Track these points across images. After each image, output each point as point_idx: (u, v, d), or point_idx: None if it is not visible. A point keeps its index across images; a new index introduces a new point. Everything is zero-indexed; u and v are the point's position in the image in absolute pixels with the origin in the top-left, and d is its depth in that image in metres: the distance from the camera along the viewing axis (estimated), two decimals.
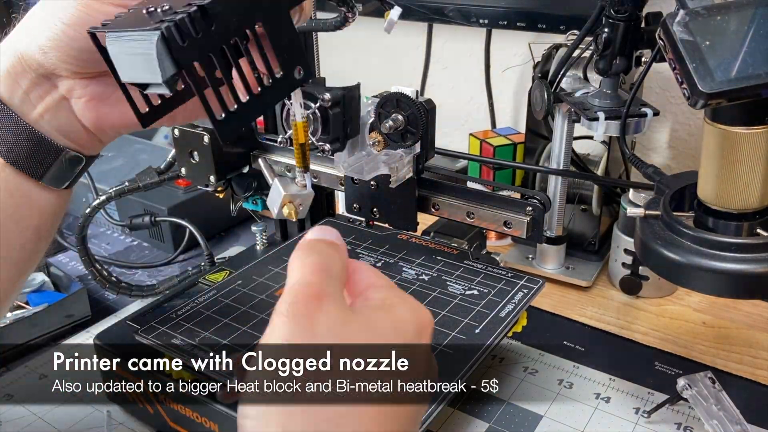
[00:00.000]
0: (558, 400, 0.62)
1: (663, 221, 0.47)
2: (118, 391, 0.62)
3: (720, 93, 0.39)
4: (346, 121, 0.55)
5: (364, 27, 1.25)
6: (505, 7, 0.93)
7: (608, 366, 0.66)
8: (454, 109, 1.18)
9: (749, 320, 0.74)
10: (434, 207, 0.62)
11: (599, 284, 0.81)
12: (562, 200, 0.76)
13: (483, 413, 0.60)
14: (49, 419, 0.63)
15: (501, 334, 0.57)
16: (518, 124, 1.10)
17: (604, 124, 0.64)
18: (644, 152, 1.01)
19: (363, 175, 0.56)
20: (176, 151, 0.70)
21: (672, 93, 0.96)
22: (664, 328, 0.73)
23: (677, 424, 0.59)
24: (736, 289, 0.44)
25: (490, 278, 0.64)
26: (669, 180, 0.52)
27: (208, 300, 0.62)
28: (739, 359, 0.68)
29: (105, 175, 1.01)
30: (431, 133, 0.58)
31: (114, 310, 0.79)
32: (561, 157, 0.73)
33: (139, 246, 0.94)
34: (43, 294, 0.78)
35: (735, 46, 0.40)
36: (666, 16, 0.41)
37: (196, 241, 0.86)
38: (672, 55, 0.41)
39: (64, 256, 0.93)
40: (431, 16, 1.01)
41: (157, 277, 0.86)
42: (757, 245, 0.43)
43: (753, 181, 0.43)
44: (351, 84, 0.56)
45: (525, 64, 1.06)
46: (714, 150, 0.43)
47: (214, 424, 0.55)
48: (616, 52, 0.64)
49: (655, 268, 0.48)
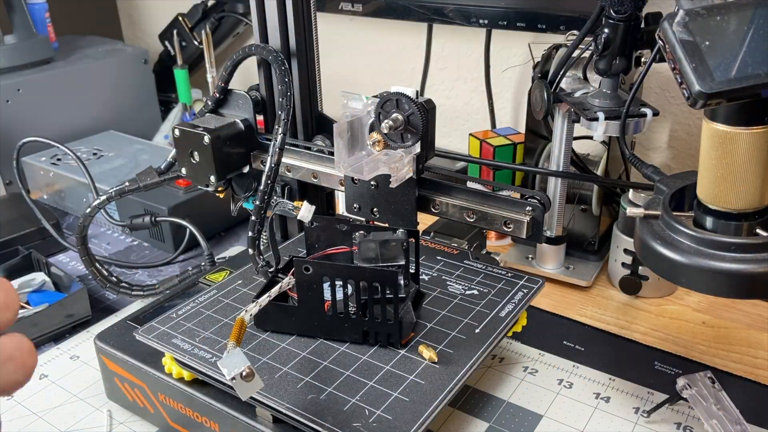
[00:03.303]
0: (558, 400, 0.62)
1: (663, 221, 0.47)
2: (118, 390, 0.63)
3: (719, 93, 0.39)
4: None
5: (364, 27, 1.25)
6: (505, 7, 0.93)
7: (608, 366, 0.66)
8: (454, 109, 1.19)
9: (749, 320, 0.74)
10: (434, 207, 0.62)
11: (599, 284, 0.82)
12: (562, 200, 0.76)
13: (483, 413, 0.61)
14: (49, 419, 0.63)
15: (501, 334, 0.57)
16: (518, 124, 1.10)
17: (603, 124, 0.64)
18: (644, 152, 1.01)
19: (363, 175, 0.56)
20: (176, 151, 0.71)
21: (671, 93, 0.96)
22: (664, 328, 0.73)
23: (677, 424, 0.59)
24: (735, 289, 0.44)
25: (490, 278, 0.64)
26: (668, 180, 0.52)
27: (208, 300, 0.62)
28: (739, 359, 0.68)
29: (105, 175, 1.01)
30: (431, 133, 0.58)
31: (114, 310, 0.79)
32: (561, 157, 0.73)
33: (139, 246, 0.95)
34: (43, 294, 0.78)
35: (734, 46, 0.40)
36: (665, 16, 0.41)
37: (196, 241, 0.86)
38: (671, 55, 0.41)
39: (64, 256, 0.93)
40: (431, 16, 1.01)
41: (158, 277, 0.86)
42: (757, 245, 0.43)
43: (753, 181, 0.43)
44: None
45: (525, 64, 1.06)
46: (713, 150, 0.43)
47: (215, 424, 0.55)
48: (615, 53, 0.64)
49: (654, 268, 0.48)
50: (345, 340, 0.56)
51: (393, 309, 0.54)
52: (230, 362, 0.45)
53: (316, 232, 0.60)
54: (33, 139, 0.90)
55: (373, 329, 0.55)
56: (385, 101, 0.56)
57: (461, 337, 0.56)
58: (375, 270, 0.54)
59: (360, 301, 0.54)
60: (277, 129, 0.62)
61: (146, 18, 1.61)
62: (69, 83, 1.18)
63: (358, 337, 0.55)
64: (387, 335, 0.55)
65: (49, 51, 1.19)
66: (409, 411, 0.48)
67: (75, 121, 1.20)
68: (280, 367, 0.53)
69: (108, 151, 1.11)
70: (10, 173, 1.06)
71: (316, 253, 0.60)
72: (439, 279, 0.65)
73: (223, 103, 0.72)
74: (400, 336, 0.55)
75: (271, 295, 0.54)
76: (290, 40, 0.72)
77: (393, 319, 0.54)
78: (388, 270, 0.53)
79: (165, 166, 0.73)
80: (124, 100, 1.28)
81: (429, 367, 0.53)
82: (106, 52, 1.28)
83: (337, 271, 0.54)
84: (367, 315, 0.54)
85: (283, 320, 0.57)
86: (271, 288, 0.55)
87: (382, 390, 0.51)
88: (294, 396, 0.50)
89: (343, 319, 0.55)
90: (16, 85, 1.11)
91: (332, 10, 1.11)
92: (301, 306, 0.55)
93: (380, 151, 0.57)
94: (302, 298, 0.55)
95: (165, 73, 1.36)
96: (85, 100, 1.21)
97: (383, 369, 0.53)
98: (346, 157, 0.57)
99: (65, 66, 1.19)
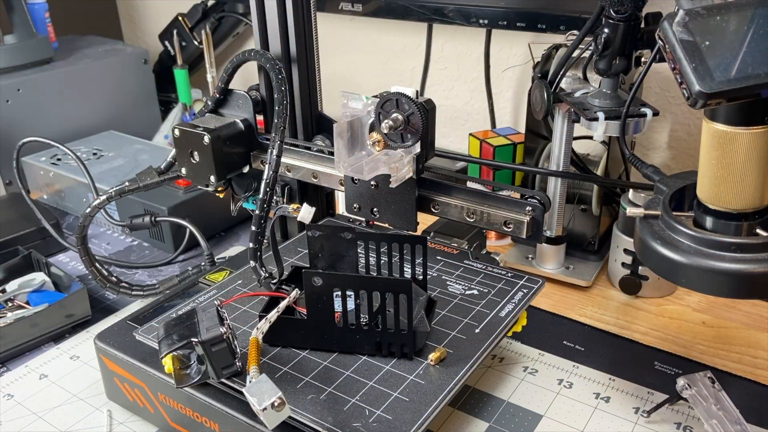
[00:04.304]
0: (558, 400, 0.62)
1: (662, 221, 0.47)
2: (118, 391, 0.62)
3: (719, 93, 0.39)
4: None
5: (364, 27, 1.25)
6: (505, 7, 0.93)
7: (608, 366, 0.66)
8: (454, 109, 1.19)
9: (749, 320, 0.74)
10: (434, 207, 0.62)
11: (599, 284, 0.82)
12: (562, 200, 0.76)
13: (483, 413, 0.61)
14: (49, 419, 0.63)
15: (501, 334, 0.57)
16: (518, 124, 1.10)
17: (603, 124, 0.64)
18: (644, 152, 1.01)
19: (363, 175, 0.56)
20: (176, 151, 0.71)
21: (671, 93, 0.96)
22: (664, 327, 0.73)
23: (677, 424, 0.59)
24: (735, 289, 0.44)
25: (490, 278, 0.64)
26: (668, 180, 0.52)
27: (208, 300, 0.62)
28: (739, 359, 0.68)
29: (105, 175, 1.01)
30: (431, 133, 0.58)
31: (114, 309, 0.79)
32: (561, 157, 0.73)
33: (139, 246, 0.95)
34: (43, 294, 0.78)
35: (734, 46, 0.40)
36: (665, 16, 0.41)
37: (196, 241, 0.86)
38: (671, 55, 0.41)
39: (64, 256, 0.93)
40: (431, 16, 1.01)
41: (158, 277, 0.86)
42: (757, 245, 0.43)
43: (752, 180, 0.43)
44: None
45: (525, 64, 1.06)
46: (713, 150, 0.43)
47: (215, 424, 0.55)
48: (615, 53, 0.64)
49: (654, 268, 0.48)
50: (358, 353, 0.55)
51: (407, 319, 0.52)
52: (259, 390, 0.43)
53: (320, 240, 0.58)
54: (33, 139, 0.90)
55: (386, 340, 0.54)
56: (385, 101, 0.56)
57: (461, 337, 0.56)
58: (387, 279, 0.53)
59: (372, 311, 0.53)
60: (275, 137, 0.61)
61: (146, 18, 1.61)
62: (69, 83, 1.18)
63: (371, 349, 0.54)
64: (401, 346, 0.54)
65: (49, 51, 1.19)
66: (409, 411, 0.48)
67: (75, 121, 1.20)
68: (280, 367, 0.53)
69: (108, 151, 1.11)
70: (10, 173, 1.06)
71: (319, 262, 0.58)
72: (439, 279, 0.65)
73: (223, 103, 0.72)
74: (414, 346, 0.54)
75: (280, 309, 0.53)
76: (290, 40, 0.72)
77: (407, 329, 0.53)
78: (400, 279, 0.52)
79: (165, 166, 0.73)
80: (124, 100, 1.28)
81: (429, 367, 0.53)
82: (106, 52, 1.28)
83: (348, 281, 0.53)
84: (380, 326, 0.53)
85: (292, 334, 0.55)
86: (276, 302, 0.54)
87: (382, 390, 0.51)
88: (294, 396, 0.50)
89: (354, 331, 0.54)
90: (16, 85, 1.11)
91: (332, 10, 1.11)
92: (310, 319, 0.54)
93: (380, 151, 0.57)
94: (312, 310, 0.54)
95: (165, 73, 1.36)
96: (85, 100, 1.21)
97: (383, 369, 0.53)
98: (346, 157, 0.57)
99: (65, 66, 1.19)
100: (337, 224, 0.74)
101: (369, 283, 0.53)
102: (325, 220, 0.77)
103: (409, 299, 0.52)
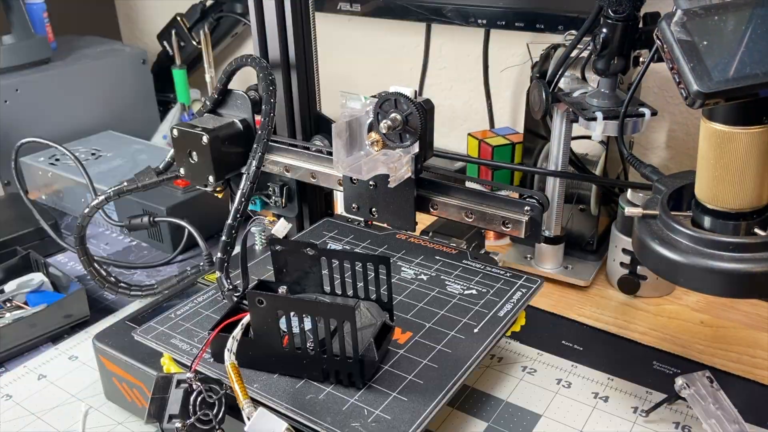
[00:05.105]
0: (556, 400, 0.62)
1: (661, 221, 0.47)
2: (117, 391, 0.62)
3: (717, 93, 0.39)
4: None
5: (362, 27, 1.25)
6: (504, 7, 0.93)
7: (606, 365, 0.66)
8: (452, 109, 1.19)
9: (747, 320, 0.74)
10: (433, 207, 0.62)
11: (597, 284, 0.82)
12: (561, 200, 0.76)
13: (482, 412, 0.61)
14: (48, 419, 0.63)
15: (499, 334, 0.57)
16: (517, 124, 1.10)
17: (602, 124, 0.64)
18: (642, 152, 1.01)
19: (362, 175, 0.56)
20: (175, 151, 0.71)
21: (670, 93, 0.96)
22: (663, 327, 0.73)
23: (675, 424, 0.59)
24: (733, 289, 0.44)
25: (489, 278, 0.64)
26: (667, 180, 0.52)
27: (207, 300, 0.62)
28: (737, 358, 0.68)
29: (104, 175, 1.01)
30: (430, 133, 0.58)
31: (113, 310, 0.79)
32: (559, 156, 0.73)
33: (138, 246, 0.95)
34: (42, 294, 0.78)
35: (732, 46, 0.40)
36: (663, 16, 0.41)
37: (195, 241, 0.86)
38: (669, 55, 0.41)
39: (62, 256, 0.93)
40: (430, 16, 1.01)
41: (156, 277, 0.86)
42: (755, 244, 0.43)
43: (750, 180, 0.43)
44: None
45: (523, 64, 1.06)
46: (711, 150, 0.43)
47: None
48: (614, 52, 0.64)
49: (653, 268, 0.48)
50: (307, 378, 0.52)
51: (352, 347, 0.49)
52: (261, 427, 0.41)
53: (284, 256, 0.55)
54: (31, 140, 0.90)
55: (333, 367, 0.50)
56: (383, 101, 0.56)
57: (460, 337, 0.56)
58: (331, 305, 0.50)
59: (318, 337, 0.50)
60: (256, 148, 0.61)
61: (144, 18, 1.60)
62: (67, 83, 1.18)
63: (318, 375, 0.51)
64: (348, 375, 0.50)
65: (47, 51, 1.19)
66: (408, 411, 0.48)
67: (73, 122, 1.20)
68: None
69: (106, 151, 1.11)
70: (9, 174, 1.06)
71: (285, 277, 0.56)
72: (438, 279, 0.65)
73: (222, 104, 0.72)
74: (362, 376, 0.50)
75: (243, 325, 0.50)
76: (289, 40, 0.72)
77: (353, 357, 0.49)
78: (344, 305, 0.48)
79: (163, 166, 0.73)
80: (123, 101, 1.28)
81: (428, 367, 0.53)
82: (105, 53, 1.28)
83: (290, 304, 0.50)
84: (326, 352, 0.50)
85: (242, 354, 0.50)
86: (233, 315, 0.52)
87: (381, 390, 0.51)
88: (293, 396, 0.50)
89: (301, 356, 0.51)
90: (15, 85, 1.11)
91: (331, 10, 1.11)
92: (258, 340, 0.51)
93: (379, 151, 0.57)
94: (258, 332, 0.51)
95: (163, 73, 1.36)
96: (83, 100, 1.21)
97: (382, 369, 0.53)
98: (345, 157, 0.57)
99: (63, 66, 1.19)
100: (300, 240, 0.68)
101: (312, 308, 0.50)
102: (324, 220, 0.77)
103: (353, 327, 0.48)
